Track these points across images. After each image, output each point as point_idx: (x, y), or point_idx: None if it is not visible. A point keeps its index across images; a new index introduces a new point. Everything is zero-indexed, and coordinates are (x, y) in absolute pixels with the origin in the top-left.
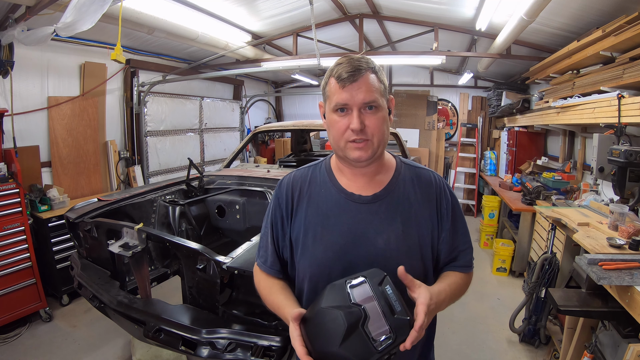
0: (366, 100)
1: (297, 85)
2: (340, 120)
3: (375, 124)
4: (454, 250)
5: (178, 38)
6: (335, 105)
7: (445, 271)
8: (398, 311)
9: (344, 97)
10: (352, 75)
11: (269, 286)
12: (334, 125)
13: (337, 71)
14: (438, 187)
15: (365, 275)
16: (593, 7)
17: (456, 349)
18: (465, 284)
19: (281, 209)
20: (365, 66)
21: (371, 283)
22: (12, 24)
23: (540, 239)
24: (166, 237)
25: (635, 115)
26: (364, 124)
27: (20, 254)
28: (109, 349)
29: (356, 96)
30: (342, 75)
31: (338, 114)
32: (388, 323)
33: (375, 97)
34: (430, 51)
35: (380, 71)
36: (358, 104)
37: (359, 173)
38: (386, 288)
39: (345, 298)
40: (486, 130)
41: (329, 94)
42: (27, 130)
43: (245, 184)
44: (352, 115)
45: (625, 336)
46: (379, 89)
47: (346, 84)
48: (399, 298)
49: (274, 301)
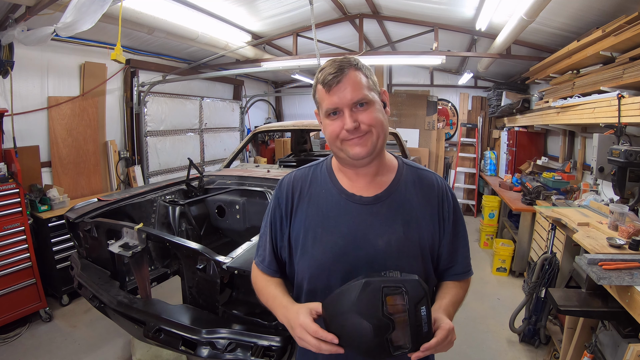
0: (355, 99)
1: (297, 85)
2: (333, 124)
3: (369, 117)
4: (454, 253)
5: (178, 38)
6: (326, 111)
7: (446, 281)
8: (424, 332)
9: (333, 101)
10: (336, 77)
11: (265, 281)
12: (327, 128)
13: (322, 76)
14: (440, 190)
15: (405, 286)
16: (593, 7)
17: (456, 349)
18: (465, 292)
19: (281, 209)
20: (347, 65)
21: (409, 298)
22: (12, 24)
23: (540, 239)
24: (166, 237)
25: (635, 115)
26: (358, 122)
27: (20, 254)
28: (109, 349)
29: (344, 97)
30: (326, 79)
31: (331, 118)
32: (412, 341)
33: (364, 93)
34: (430, 51)
35: (365, 67)
36: (348, 104)
37: (360, 173)
38: (422, 309)
39: (377, 306)
40: (486, 130)
41: (319, 101)
42: (27, 130)
43: (245, 184)
44: (344, 117)
45: (625, 336)
46: (366, 84)
47: (332, 86)
48: (429, 320)
49: (269, 293)
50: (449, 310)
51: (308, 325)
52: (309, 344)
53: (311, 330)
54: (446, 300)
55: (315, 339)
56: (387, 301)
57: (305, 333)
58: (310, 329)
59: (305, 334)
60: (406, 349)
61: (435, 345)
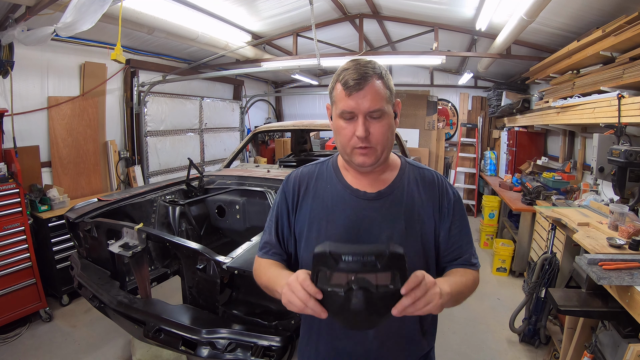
0: (372, 109)
1: (297, 85)
2: (346, 127)
3: (379, 132)
4: (456, 248)
5: (178, 38)
6: (341, 112)
7: (450, 269)
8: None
9: (350, 105)
10: (359, 84)
11: (268, 264)
12: (341, 131)
13: (344, 77)
14: (440, 186)
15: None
16: (593, 7)
17: (456, 349)
18: (472, 282)
19: (287, 202)
20: (372, 72)
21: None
22: (12, 24)
23: (540, 239)
24: (166, 237)
25: (635, 115)
26: (369, 131)
27: (20, 254)
28: (109, 349)
29: (362, 104)
30: (348, 82)
31: (344, 120)
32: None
33: (381, 105)
34: (430, 51)
35: (387, 76)
36: (363, 112)
37: (364, 172)
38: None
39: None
40: (486, 130)
41: (335, 99)
42: (27, 130)
43: (245, 184)
44: (357, 122)
45: (625, 336)
46: (385, 95)
47: (352, 92)
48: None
49: (271, 276)
50: (441, 282)
51: (299, 275)
52: (296, 294)
53: (300, 279)
54: (442, 279)
55: (303, 291)
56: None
57: (296, 282)
58: (300, 277)
59: (295, 284)
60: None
61: (406, 291)
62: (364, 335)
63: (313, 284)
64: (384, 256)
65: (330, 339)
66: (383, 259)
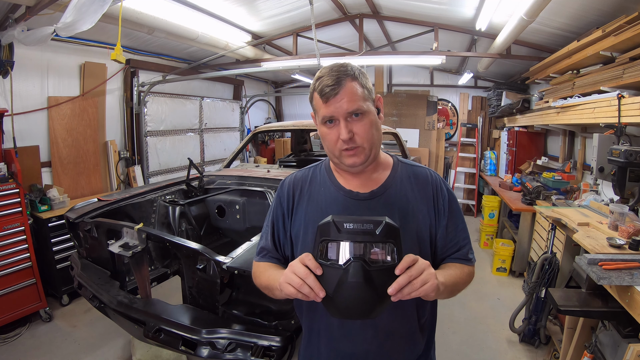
0: (350, 110)
1: (297, 85)
2: (330, 132)
3: (362, 130)
4: (452, 245)
5: (178, 38)
6: (322, 119)
7: (445, 263)
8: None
9: (330, 111)
10: (334, 89)
11: (266, 266)
12: (326, 137)
13: (319, 85)
14: (434, 184)
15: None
16: (593, 7)
17: (456, 349)
18: (467, 275)
19: (282, 207)
20: (344, 75)
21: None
22: (12, 24)
23: (540, 239)
24: (166, 237)
25: (635, 115)
26: (352, 132)
27: (20, 254)
28: (109, 349)
29: (340, 107)
30: (324, 90)
31: (327, 126)
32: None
33: (359, 104)
34: (430, 51)
35: (361, 75)
36: (343, 115)
37: (356, 172)
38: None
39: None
40: (486, 130)
41: (315, 108)
42: (27, 130)
43: (245, 184)
44: (339, 126)
45: (625, 336)
46: (362, 94)
47: (329, 98)
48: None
49: (270, 275)
50: (441, 270)
51: (301, 256)
52: (295, 272)
53: (301, 256)
54: (436, 270)
55: (303, 267)
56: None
57: (297, 261)
58: (301, 256)
59: (296, 262)
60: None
61: (400, 270)
62: (364, 336)
63: (314, 259)
64: (381, 225)
65: (330, 341)
66: (380, 226)
